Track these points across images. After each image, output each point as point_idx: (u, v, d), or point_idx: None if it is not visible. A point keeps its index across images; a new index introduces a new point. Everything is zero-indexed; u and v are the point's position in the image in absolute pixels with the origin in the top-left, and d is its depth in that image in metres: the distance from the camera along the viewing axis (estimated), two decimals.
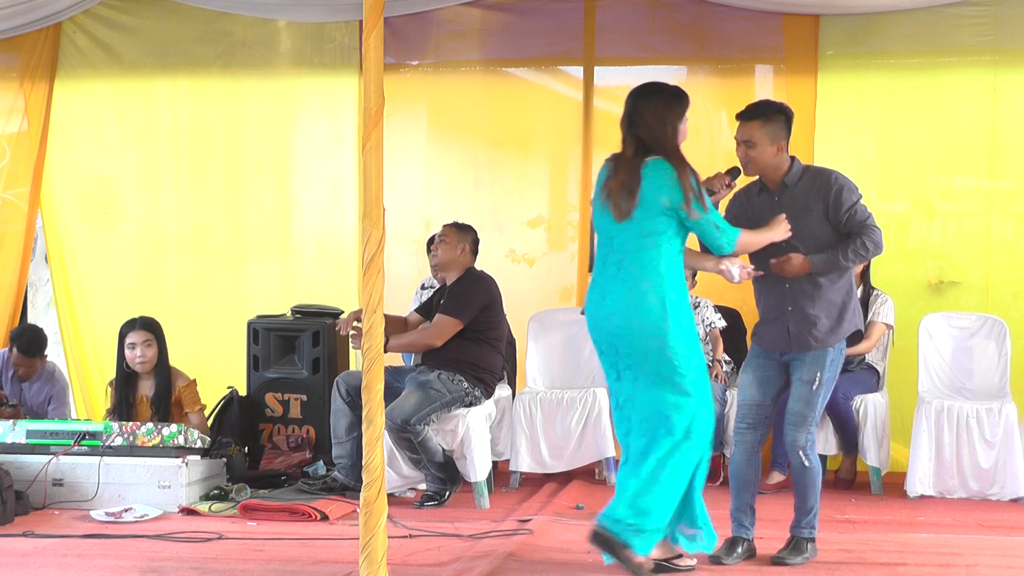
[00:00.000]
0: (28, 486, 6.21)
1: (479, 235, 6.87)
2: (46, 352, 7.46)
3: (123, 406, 6.88)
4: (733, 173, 5.05)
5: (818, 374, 5.02)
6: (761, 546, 5.25)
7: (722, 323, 7.20)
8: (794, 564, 5.03)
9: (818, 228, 5.01)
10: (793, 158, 5.10)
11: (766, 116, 5.03)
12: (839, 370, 5.14)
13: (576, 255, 8.01)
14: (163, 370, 6.93)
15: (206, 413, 7.09)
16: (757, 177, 5.13)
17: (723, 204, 5.14)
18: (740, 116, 5.08)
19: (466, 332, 6.56)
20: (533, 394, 7.12)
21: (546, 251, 8.12)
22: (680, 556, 4.96)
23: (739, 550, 5.12)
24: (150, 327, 6.96)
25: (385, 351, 6.34)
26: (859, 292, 7.04)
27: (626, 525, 4.72)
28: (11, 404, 7.16)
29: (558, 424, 7.02)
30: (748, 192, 5.18)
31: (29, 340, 7.34)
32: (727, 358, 7.20)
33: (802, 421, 5.03)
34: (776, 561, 5.06)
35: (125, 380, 6.92)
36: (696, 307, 7.10)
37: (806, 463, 5.05)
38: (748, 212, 5.11)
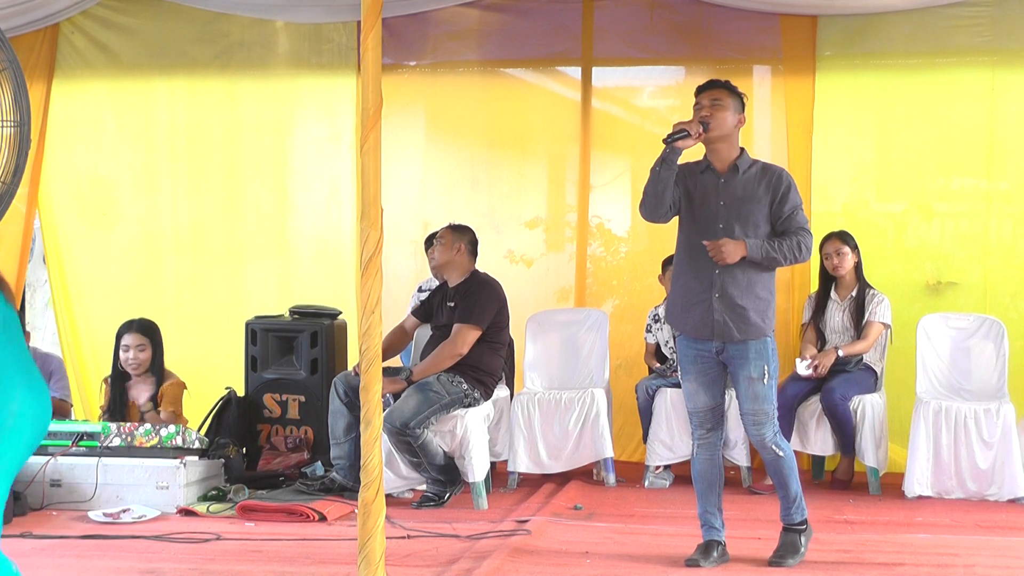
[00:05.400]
0: (26, 487, 6.20)
1: (478, 236, 6.87)
2: (27, 330, 7.47)
3: (116, 405, 6.87)
4: (705, 124, 4.97)
5: (765, 367, 4.96)
6: (761, 546, 5.26)
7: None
8: (791, 565, 5.02)
9: (762, 218, 4.99)
10: (743, 148, 5.10)
11: (730, 90, 5.07)
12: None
13: (574, 256, 8.00)
14: (156, 374, 6.91)
15: (203, 415, 7.07)
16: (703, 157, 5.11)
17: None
18: (708, 83, 5.07)
19: None
20: (531, 395, 7.12)
21: (544, 252, 8.11)
22: None
23: (715, 554, 5.08)
24: (145, 331, 6.91)
25: (413, 383, 6.37)
26: (855, 292, 7.04)
27: None
28: None
29: (556, 425, 7.02)
30: (692, 169, 5.10)
31: None
32: None
33: (764, 418, 4.97)
34: (773, 563, 5.05)
35: (119, 379, 6.92)
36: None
37: (779, 453, 5.01)
38: (692, 189, 5.05)
